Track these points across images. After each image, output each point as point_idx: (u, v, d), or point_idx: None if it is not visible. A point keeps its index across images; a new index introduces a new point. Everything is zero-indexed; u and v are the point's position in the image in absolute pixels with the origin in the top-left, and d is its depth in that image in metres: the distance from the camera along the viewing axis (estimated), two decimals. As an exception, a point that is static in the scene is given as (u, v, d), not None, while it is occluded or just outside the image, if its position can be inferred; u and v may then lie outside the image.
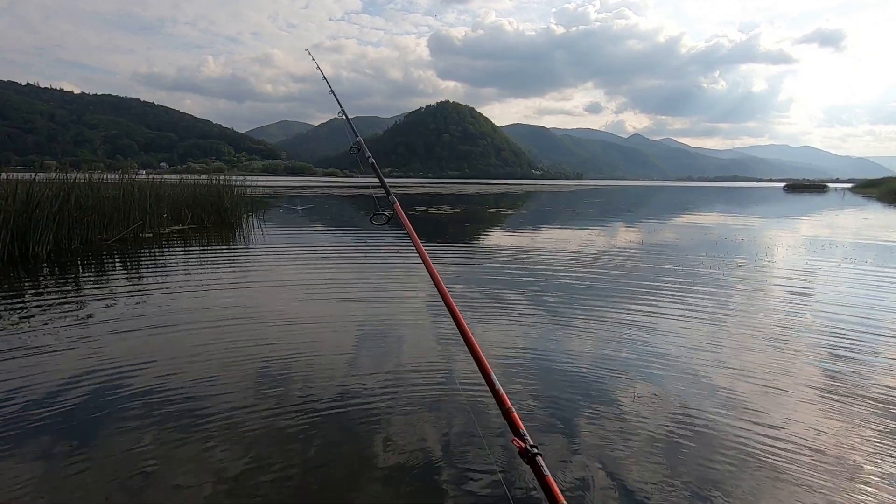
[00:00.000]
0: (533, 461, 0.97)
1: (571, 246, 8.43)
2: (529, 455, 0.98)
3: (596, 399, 2.51)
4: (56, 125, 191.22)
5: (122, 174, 9.86)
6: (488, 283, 5.27)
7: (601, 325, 3.78)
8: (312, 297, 4.61)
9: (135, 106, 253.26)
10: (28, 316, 3.80)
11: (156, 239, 8.43)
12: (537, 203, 25.11)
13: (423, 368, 2.89)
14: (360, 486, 1.77)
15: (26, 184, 6.93)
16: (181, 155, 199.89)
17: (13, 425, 2.14)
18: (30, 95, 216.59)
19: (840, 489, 1.80)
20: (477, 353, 1.16)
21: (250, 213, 12.76)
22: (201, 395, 2.48)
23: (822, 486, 1.82)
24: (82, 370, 2.76)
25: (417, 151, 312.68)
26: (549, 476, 0.93)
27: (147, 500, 1.66)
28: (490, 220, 14.21)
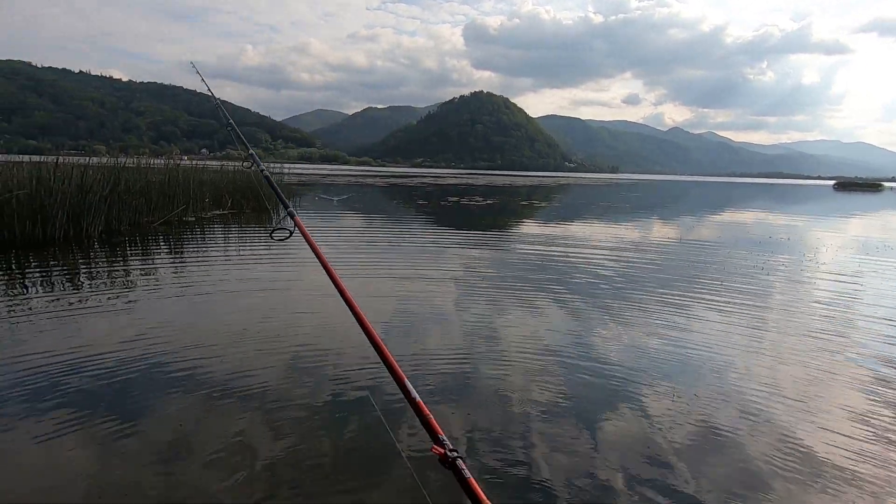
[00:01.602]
0: (454, 465, 0.96)
1: (603, 240, 8.30)
2: (450, 460, 0.97)
3: (617, 398, 2.50)
4: (106, 111, 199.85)
5: (168, 159, 10.26)
6: (517, 274, 5.26)
7: (630, 322, 3.73)
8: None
9: (179, 93, 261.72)
10: (80, 289, 4.05)
11: (198, 222, 8.76)
12: (570, 196, 24.73)
13: (447, 355, 2.94)
14: (383, 480, 1.83)
15: (81, 168, 7.30)
16: (221, 142, 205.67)
17: (58, 384, 2.30)
18: (82, 83, 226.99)
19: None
20: (388, 360, 1.15)
21: (287, 199, 13.06)
22: (230, 365, 2.60)
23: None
24: (125, 339, 2.93)
25: (450, 142, 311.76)
26: (470, 478, 0.92)
27: (179, 473, 1.77)
28: (522, 213, 14.11)
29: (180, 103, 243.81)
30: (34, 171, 6.59)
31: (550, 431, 2.11)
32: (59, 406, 2.17)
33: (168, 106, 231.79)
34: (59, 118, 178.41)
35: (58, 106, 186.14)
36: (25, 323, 3.23)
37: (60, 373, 2.50)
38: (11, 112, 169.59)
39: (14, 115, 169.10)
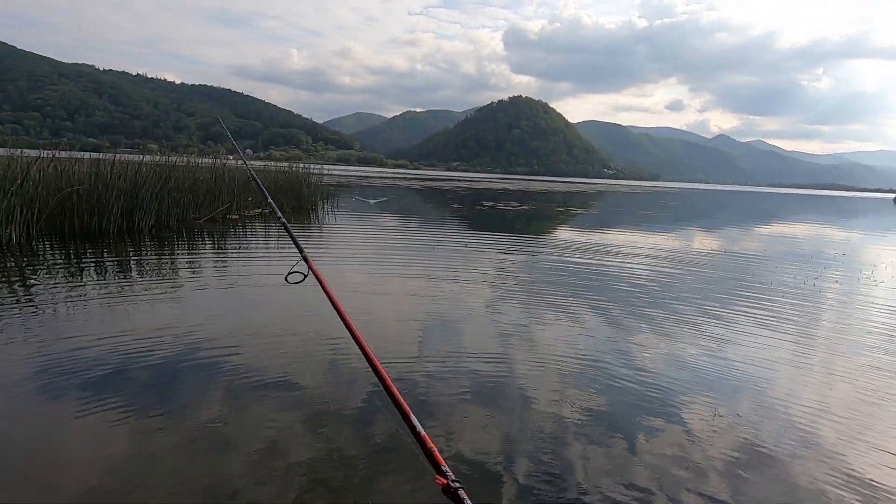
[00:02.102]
0: (456, 496, 0.97)
1: (642, 249, 8.08)
2: (452, 490, 0.98)
3: (654, 411, 2.42)
4: (159, 112, 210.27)
5: (214, 159, 10.68)
6: (550, 279, 5.19)
7: (668, 333, 3.62)
8: (379, 286, 4.77)
9: (226, 95, 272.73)
10: (130, 279, 4.27)
11: (241, 221, 9.07)
12: (608, 203, 24.23)
13: (478, 357, 2.92)
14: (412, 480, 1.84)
15: (135, 165, 7.70)
16: (265, 142, 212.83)
17: (103, 367, 2.42)
18: (138, 84, 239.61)
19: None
20: (395, 395, 1.13)
21: (325, 200, 13.37)
22: (267, 360, 2.67)
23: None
24: (169, 328, 3.05)
25: (487, 146, 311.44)
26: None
27: (218, 463, 1.83)
28: (558, 219, 13.92)
29: (227, 105, 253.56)
30: (93, 168, 6.98)
31: (582, 442, 2.07)
32: (103, 389, 2.28)
33: (217, 107, 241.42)
34: (117, 118, 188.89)
35: (116, 106, 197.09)
36: (79, 308, 3.43)
37: (106, 357, 2.63)
38: (75, 112, 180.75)
39: (77, 114, 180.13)
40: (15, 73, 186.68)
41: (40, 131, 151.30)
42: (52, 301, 3.59)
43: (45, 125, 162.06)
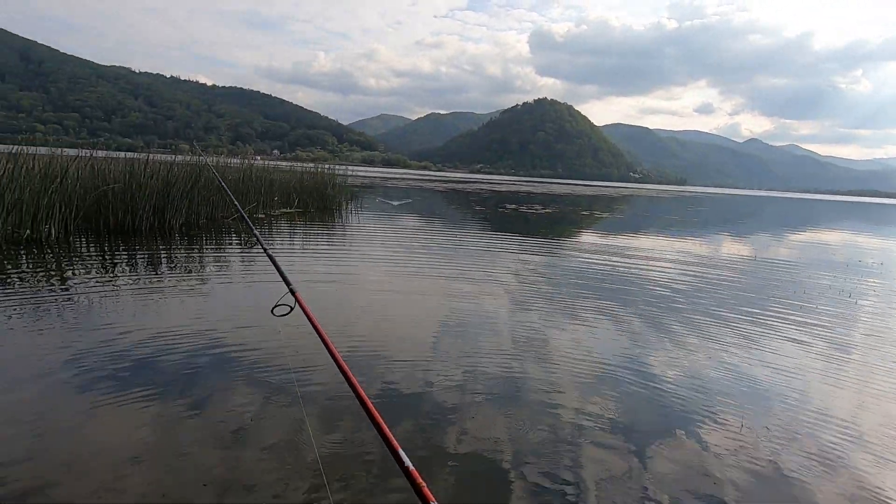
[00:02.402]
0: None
1: (668, 254, 7.92)
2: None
3: (675, 423, 2.36)
4: (191, 113, 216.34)
5: (243, 159, 10.92)
6: (572, 284, 5.13)
7: (694, 342, 3.53)
8: (399, 285, 4.79)
9: (255, 97, 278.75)
10: (160, 274, 4.40)
11: (267, 219, 9.25)
12: (634, 208, 23.83)
13: (496, 361, 2.90)
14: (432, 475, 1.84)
15: (167, 165, 7.93)
16: (291, 143, 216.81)
17: (131, 357, 2.49)
18: (172, 86, 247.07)
19: None
20: (384, 431, 1.09)
21: (349, 201, 13.53)
22: (289, 355, 2.71)
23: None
24: (196, 321, 3.13)
25: (510, 148, 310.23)
26: None
27: (238, 456, 1.86)
28: (582, 223, 13.76)
29: (256, 106, 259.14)
30: (127, 167, 7.23)
31: (599, 450, 2.04)
32: (132, 378, 2.36)
33: (246, 109, 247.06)
34: (150, 118, 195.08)
35: (151, 107, 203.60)
36: (111, 301, 3.55)
37: (136, 348, 2.72)
38: (112, 112, 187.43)
39: (114, 115, 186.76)
40: (57, 75, 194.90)
41: (79, 131, 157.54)
42: (87, 294, 3.73)
43: (83, 125, 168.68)
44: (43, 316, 3.17)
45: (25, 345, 2.73)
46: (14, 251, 5.10)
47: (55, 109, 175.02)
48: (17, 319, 3.08)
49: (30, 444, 1.82)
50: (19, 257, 4.88)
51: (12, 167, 5.74)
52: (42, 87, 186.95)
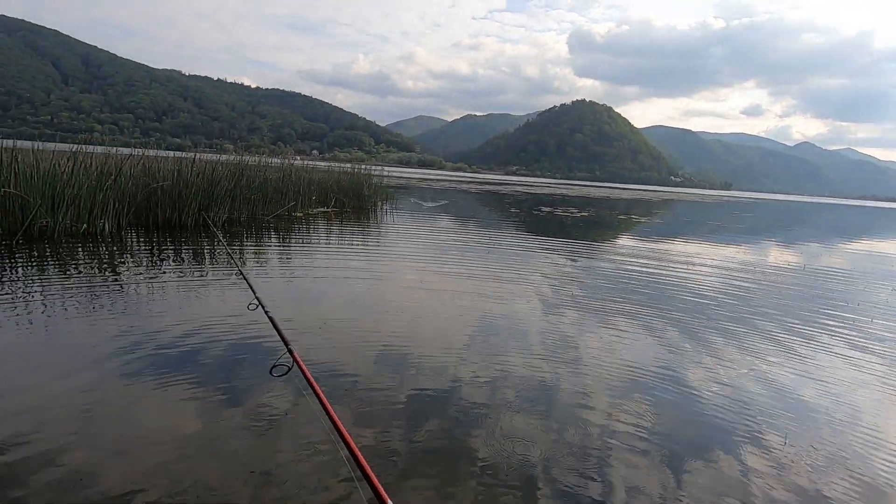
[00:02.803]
0: None
1: (710, 261, 7.64)
2: None
3: (712, 438, 2.27)
4: (235, 114, 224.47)
5: (283, 159, 11.24)
6: (607, 289, 5.02)
7: (735, 353, 3.39)
8: (431, 285, 4.81)
9: (297, 99, 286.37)
10: (203, 269, 4.58)
11: (305, 218, 9.49)
12: (675, 213, 23.12)
13: (524, 365, 2.87)
14: (458, 479, 1.84)
15: (212, 164, 8.25)
16: (330, 144, 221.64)
17: (173, 344, 2.60)
18: (219, 88, 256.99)
19: None
20: (371, 478, 1.05)
21: (385, 201, 13.70)
22: (324, 351, 2.76)
23: None
24: (235, 315, 3.24)
25: (547, 150, 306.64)
26: None
27: (270, 448, 1.91)
28: (619, 227, 13.46)
29: (297, 108, 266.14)
30: (176, 166, 7.56)
31: (630, 462, 1.98)
32: (175, 367, 2.46)
33: (287, 110, 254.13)
34: (198, 119, 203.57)
35: (199, 109, 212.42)
36: (158, 293, 3.72)
37: (180, 338, 2.84)
38: (163, 113, 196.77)
39: (165, 116, 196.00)
40: (114, 78, 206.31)
41: (133, 131, 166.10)
42: (136, 286, 3.93)
43: (137, 125, 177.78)
44: (96, 305, 3.36)
45: (80, 333, 2.90)
46: (72, 244, 5.43)
47: (112, 110, 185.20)
48: (72, 308, 3.27)
49: (82, 429, 1.93)
50: (76, 250, 5.18)
51: (72, 165, 6.10)
52: (101, 90, 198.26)
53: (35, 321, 3.01)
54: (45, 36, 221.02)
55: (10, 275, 4.03)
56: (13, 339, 2.74)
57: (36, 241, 5.35)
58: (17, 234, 5.45)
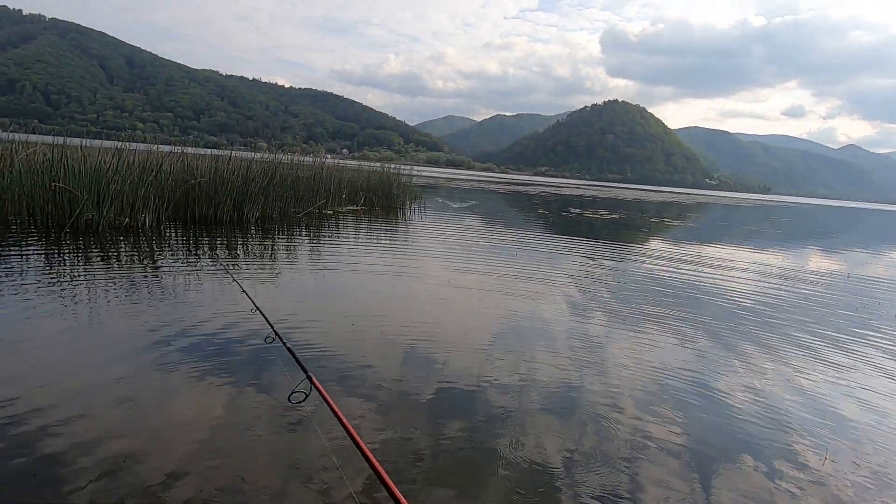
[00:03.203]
0: None
1: (743, 267, 7.39)
2: None
3: (745, 449, 2.20)
4: (269, 114, 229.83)
5: (315, 158, 11.44)
6: (636, 293, 4.92)
7: (770, 362, 3.27)
8: (458, 285, 4.82)
9: (328, 98, 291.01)
10: (238, 263, 4.71)
11: (335, 216, 9.64)
12: (709, 216, 22.47)
13: (551, 367, 2.85)
14: (484, 483, 1.83)
15: (247, 162, 8.48)
16: (360, 143, 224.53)
17: (208, 336, 2.68)
18: (253, 88, 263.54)
19: None
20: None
21: (413, 200, 13.79)
22: (352, 347, 2.80)
23: None
24: (266, 308, 3.32)
25: (577, 151, 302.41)
26: None
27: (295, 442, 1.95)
28: (650, 230, 13.17)
29: (329, 107, 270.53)
30: (212, 164, 7.80)
31: (658, 471, 1.94)
32: (209, 358, 2.54)
33: (319, 110, 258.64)
34: (234, 118, 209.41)
35: (234, 108, 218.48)
36: (194, 285, 3.85)
37: (213, 330, 2.93)
38: (201, 112, 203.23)
39: (202, 115, 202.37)
40: (156, 78, 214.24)
41: (172, 129, 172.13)
42: (174, 278, 4.07)
43: (176, 124, 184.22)
44: (136, 296, 3.50)
45: (120, 322, 3.03)
46: (114, 237, 5.67)
47: (153, 109, 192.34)
48: (114, 298, 3.42)
49: (122, 416, 2.02)
50: (119, 242, 5.41)
51: (116, 162, 6.37)
52: (143, 90, 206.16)
53: (80, 310, 3.16)
54: (93, 38, 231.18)
55: (59, 265, 4.24)
56: (61, 326, 2.88)
57: (82, 234, 5.61)
58: (65, 226, 5.73)
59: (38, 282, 3.65)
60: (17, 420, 1.88)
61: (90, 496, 1.53)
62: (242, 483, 1.65)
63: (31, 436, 1.80)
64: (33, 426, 1.85)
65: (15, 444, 1.74)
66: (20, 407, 1.97)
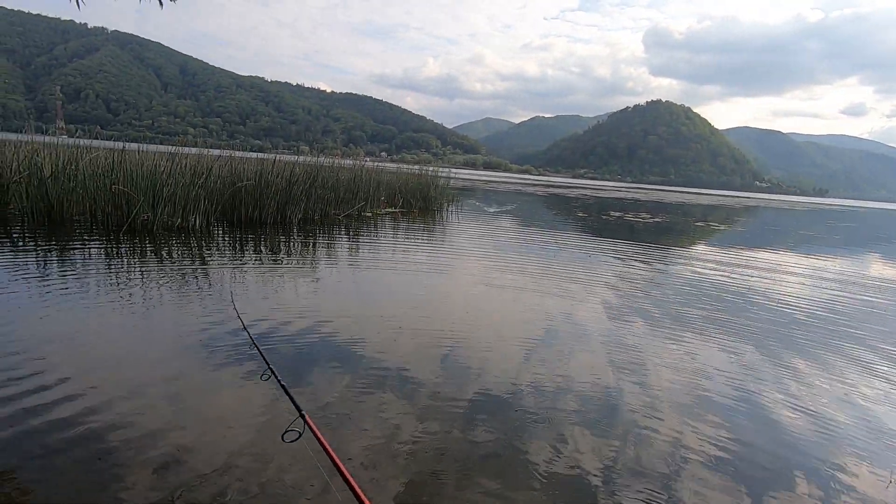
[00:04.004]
0: None
1: (795, 274, 7.02)
2: None
3: (799, 467, 2.09)
4: (311, 118, 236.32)
5: (354, 161, 11.68)
6: (679, 301, 4.75)
7: (825, 374, 3.09)
8: (497, 288, 4.80)
9: (368, 102, 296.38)
10: (280, 262, 4.87)
11: (373, 218, 9.81)
12: (759, 220, 21.46)
13: (590, 374, 2.79)
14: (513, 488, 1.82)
15: (290, 165, 8.75)
16: (398, 146, 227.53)
17: (249, 332, 2.78)
18: (297, 93, 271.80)
19: None
20: None
21: (450, 203, 13.84)
22: (386, 346, 2.84)
23: None
24: (307, 306, 3.42)
25: (618, 153, 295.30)
26: None
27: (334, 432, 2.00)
28: (695, 234, 12.71)
29: (368, 110, 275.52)
30: (258, 167, 8.09)
31: (702, 488, 1.87)
32: (249, 355, 2.64)
33: (359, 113, 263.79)
34: (278, 123, 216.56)
35: (278, 113, 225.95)
36: (239, 284, 4.01)
37: (254, 327, 3.04)
38: (247, 117, 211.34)
39: (248, 119, 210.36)
40: (206, 85, 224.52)
41: (220, 134, 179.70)
42: (220, 276, 4.25)
43: (224, 129, 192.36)
44: (187, 294, 3.68)
45: (171, 318, 3.19)
46: (167, 237, 5.97)
47: (203, 115, 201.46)
48: (167, 295, 3.60)
49: (175, 411, 2.13)
50: (171, 242, 5.70)
51: (170, 165, 6.72)
52: (194, 96, 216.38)
53: (135, 307, 3.35)
54: (150, 48, 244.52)
55: (118, 263, 4.51)
56: (119, 321, 3.07)
57: (138, 233, 5.94)
58: (123, 226, 6.09)
59: (99, 278, 3.90)
60: (81, 410, 2.02)
61: (147, 485, 1.62)
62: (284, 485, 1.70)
63: (92, 427, 1.92)
64: (95, 417, 1.98)
65: (79, 434, 1.87)
66: (85, 400, 2.12)
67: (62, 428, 1.88)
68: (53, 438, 1.81)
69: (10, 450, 1.73)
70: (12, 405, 2.00)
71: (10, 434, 1.82)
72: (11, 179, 6.48)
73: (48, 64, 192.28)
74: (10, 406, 2.00)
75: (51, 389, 2.15)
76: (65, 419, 1.94)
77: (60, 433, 1.85)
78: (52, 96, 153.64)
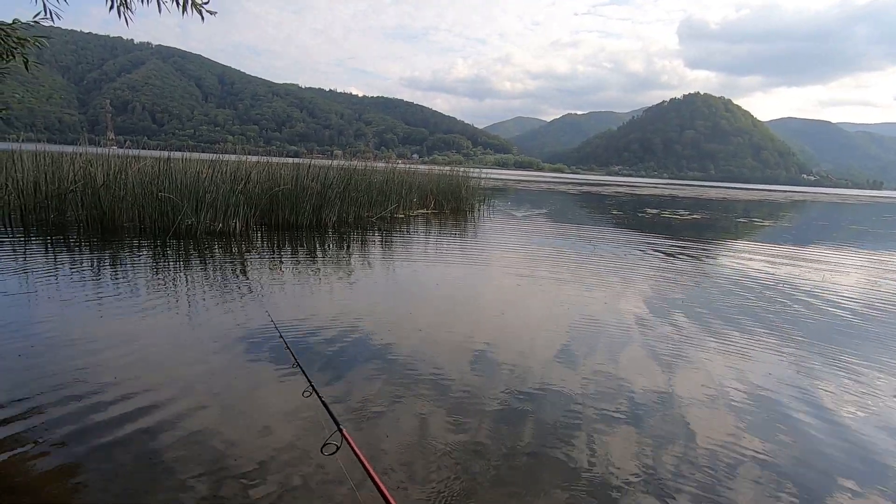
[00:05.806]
0: None
1: (849, 272, 6.65)
2: None
3: (842, 475, 1.99)
4: (344, 122, 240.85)
5: (386, 163, 11.83)
6: (720, 300, 4.58)
7: (879, 384, 2.92)
8: (530, 287, 4.77)
9: (399, 105, 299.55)
10: (316, 264, 4.99)
11: (406, 219, 9.90)
12: (806, 215, 20.46)
13: (630, 378, 2.73)
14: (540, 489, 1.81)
15: (325, 169, 8.94)
16: (429, 147, 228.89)
17: (285, 334, 2.85)
18: (329, 98, 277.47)
19: None
20: None
21: (482, 203, 13.82)
22: (421, 348, 2.87)
23: None
24: (340, 307, 3.48)
25: (654, 149, 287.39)
26: None
27: (367, 430, 2.03)
28: (737, 231, 12.23)
29: (398, 114, 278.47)
30: (294, 172, 8.31)
31: (753, 498, 1.81)
32: (283, 356, 2.71)
33: (390, 116, 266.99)
34: (312, 128, 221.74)
35: (312, 118, 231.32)
36: (277, 287, 4.13)
37: (291, 327, 3.12)
38: (282, 123, 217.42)
39: (283, 125, 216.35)
40: (243, 93, 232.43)
41: (257, 140, 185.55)
42: (259, 279, 4.39)
43: (261, 135, 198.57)
44: (229, 299, 3.82)
45: (214, 319, 3.32)
46: (209, 240, 6.21)
47: (241, 122, 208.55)
48: (210, 297, 3.75)
49: (218, 410, 2.22)
50: (213, 246, 5.92)
51: (211, 172, 6.99)
52: (232, 105, 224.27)
53: (180, 308, 3.51)
54: (191, 59, 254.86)
55: (164, 267, 4.73)
56: (165, 322, 3.22)
57: (182, 238, 6.20)
58: (168, 231, 6.37)
59: (147, 281, 4.10)
60: (133, 411, 2.14)
61: (193, 487, 1.70)
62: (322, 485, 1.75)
63: (144, 426, 2.03)
64: (147, 417, 2.09)
65: (131, 433, 1.98)
66: (137, 400, 2.23)
67: (114, 427, 1.99)
68: (106, 438, 1.92)
69: (67, 448, 1.85)
70: (72, 405, 2.14)
71: (67, 432, 1.94)
72: (68, 189, 6.89)
73: (99, 79, 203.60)
74: (70, 405, 2.13)
75: (104, 392, 2.28)
76: (116, 418, 2.05)
77: (113, 432, 1.96)
78: (103, 109, 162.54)
